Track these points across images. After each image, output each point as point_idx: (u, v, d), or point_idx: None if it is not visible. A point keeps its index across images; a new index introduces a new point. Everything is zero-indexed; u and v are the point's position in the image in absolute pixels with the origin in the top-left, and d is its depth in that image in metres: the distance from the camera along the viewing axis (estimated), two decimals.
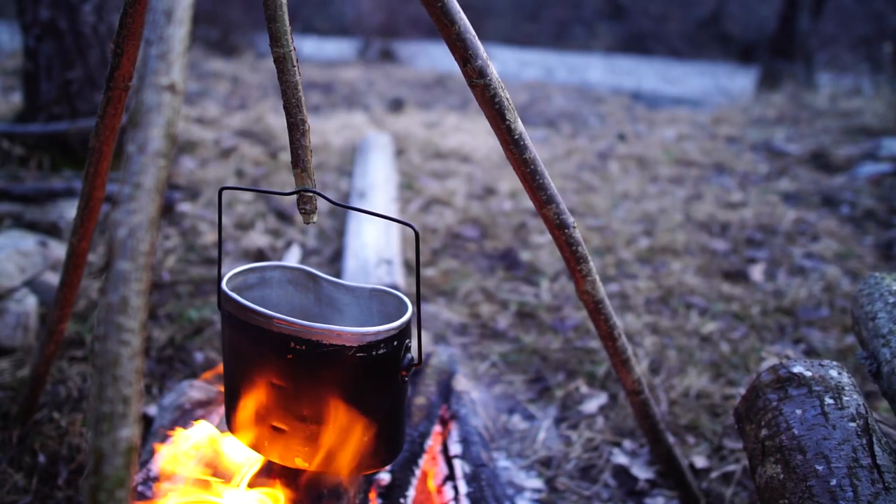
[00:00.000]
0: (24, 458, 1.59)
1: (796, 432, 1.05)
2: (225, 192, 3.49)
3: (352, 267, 2.59)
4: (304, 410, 1.02)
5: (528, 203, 3.74)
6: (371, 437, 1.05)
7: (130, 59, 1.13)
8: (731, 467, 1.77)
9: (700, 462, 1.79)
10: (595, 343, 2.33)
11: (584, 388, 2.10)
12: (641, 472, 1.75)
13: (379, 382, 1.03)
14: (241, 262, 2.82)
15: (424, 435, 1.46)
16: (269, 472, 1.19)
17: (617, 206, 3.85)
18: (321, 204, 3.35)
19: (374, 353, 0.99)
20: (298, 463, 1.05)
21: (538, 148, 4.94)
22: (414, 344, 1.10)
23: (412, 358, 1.05)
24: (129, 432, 0.48)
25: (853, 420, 1.03)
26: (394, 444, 1.11)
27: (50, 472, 1.57)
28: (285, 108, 0.97)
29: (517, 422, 1.96)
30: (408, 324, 1.05)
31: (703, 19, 16.38)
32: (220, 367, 1.32)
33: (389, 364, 1.02)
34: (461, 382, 1.76)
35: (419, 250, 0.97)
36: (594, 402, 2.03)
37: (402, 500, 1.27)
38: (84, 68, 3.12)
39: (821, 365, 1.14)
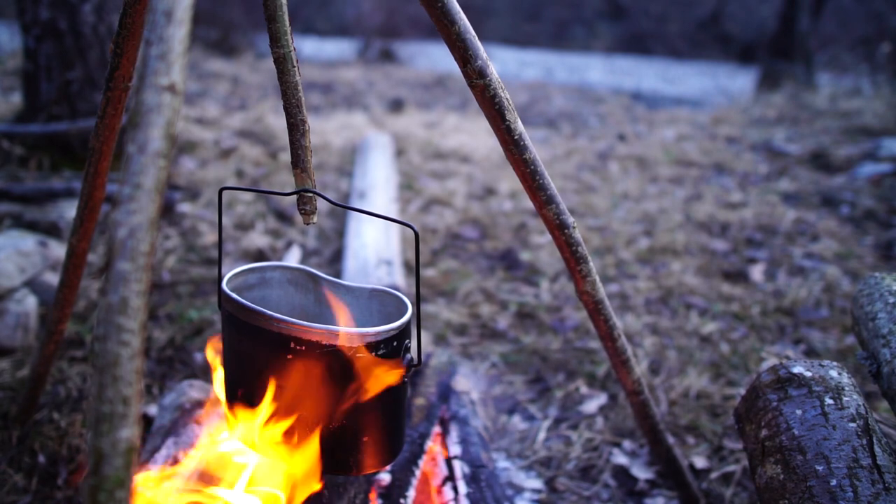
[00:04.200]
0: (23, 459, 1.59)
1: (796, 433, 1.05)
2: (225, 193, 3.49)
3: (352, 267, 2.59)
4: (303, 410, 1.02)
5: (528, 203, 3.74)
6: (371, 437, 1.05)
7: (130, 60, 1.13)
8: (731, 468, 1.77)
9: (700, 462, 1.78)
10: (595, 343, 2.33)
11: (583, 389, 2.10)
12: (641, 473, 1.75)
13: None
14: (241, 262, 2.82)
15: (424, 435, 1.46)
16: (269, 472, 1.19)
17: (617, 206, 3.85)
18: (321, 204, 3.35)
19: (373, 353, 0.99)
20: (298, 463, 1.05)
21: (538, 148, 4.95)
22: (414, 344, 1.10)
23: (412, 358, 1.05)
24: (129, 433, 0.48)
25: (853, 420, 1.03)
26: (394, 444, 1.11)
27: (50, 473, 1.57)
28: (285, 108, 0.97)
29: (517, 422, 1.96)
30: (407, 324, 1.05)
31: (703, 19, 16.38)
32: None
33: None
34: (461, 383, 1.76)
35: (419, 251, 0.97)
36: (594, 403, 2.03)
37: (402, 501, 1.27)
38: (84, 68, 3.12)
39: (821, 365, 1.14)
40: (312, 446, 1.04)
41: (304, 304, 1.21)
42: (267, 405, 1.04)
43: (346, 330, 0.97)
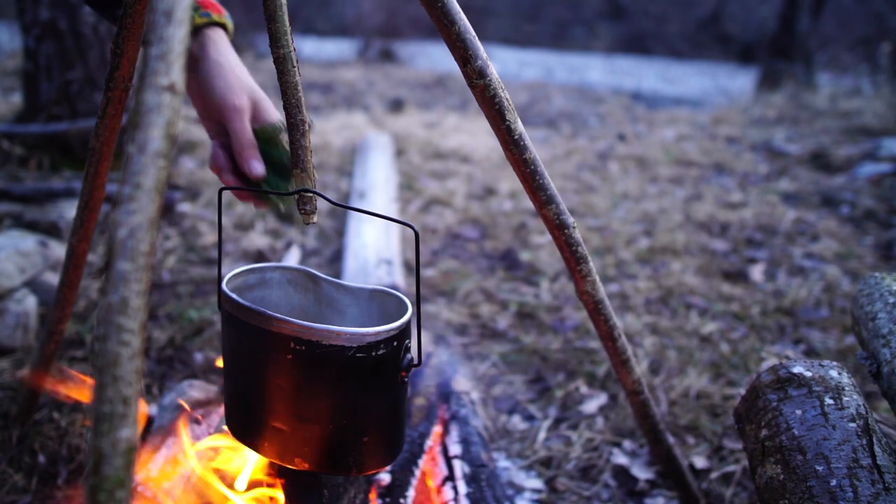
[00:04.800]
0: (23, 458, 1.59)
1: (796, 433, 1.05)
2: (225, 193, 3.49)
3: (352, 267, 2.59)
4: (303, 411, 1.01)
5: (528, 203, 3.74)
6: (371, 437, 1.05)
7: (131, 60, 1.13)
8: (731, 468, 1.77)
9: (700, 462, 1.79)
10: (595, 343, 2.33)
11: (584, 389, 2.10)
12: (641, 473, 1.75)
13: (379, 383, 1.03)
14: (241, 262, 2.82)
15: (424, 435, 1.46)
16: (269, 473, 1.19)
17: (617, 206, 3.85)
18: (321, 204, 3.35)
19: (373, 353, 0.99)
20: (298, 463, 1.05)
21: (538, 148, 4.95)
22: (414, 344, 1.10)
23: (412, 358, 1.05)
24: (129, 433, 0.48)
25: (853, 420, 1.03)
26: (394, 444, 1.11)
27: (50, 472, 1.57)
28: (285, 108, 0.97)
29: (517, 422, 1.96)
30: (407, 324, 1.05)
31: (703, 19, 16.38)
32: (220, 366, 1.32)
33: (389, 365, 1.02)
34: (461, 382, 1.76)
35: (419, 251, 0.97)
36: (594, 403, 2.03)
37: (402, 501, 1.27)
38: (84, 69, 3.12)
39: (821, 365, 1.14)
40: (312, 446, 1.04)
41: (304, 305, 1.21)
42: (266, 405, 1.04)
43: (346, 330, 0.97)
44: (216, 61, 1.04)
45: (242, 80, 1.05)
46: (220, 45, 1.07)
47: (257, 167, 1.04)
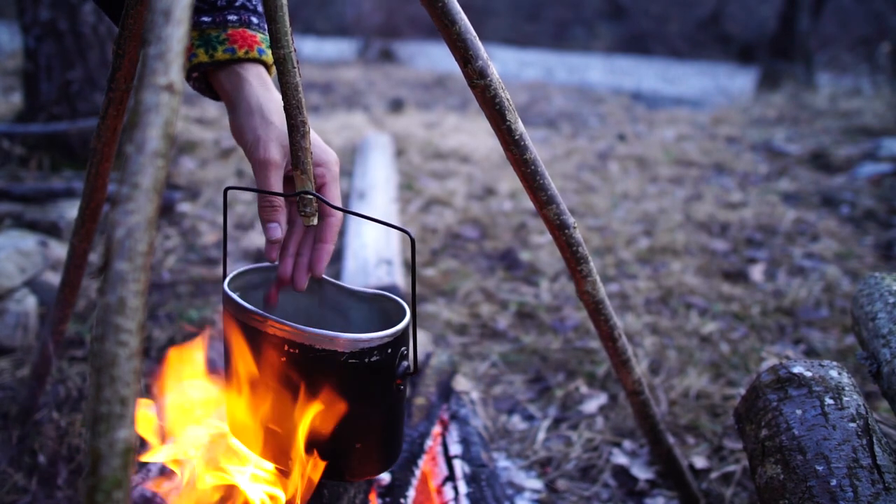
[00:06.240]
0: (23, 458, 1.59)
1: (796, 433, 1.04)
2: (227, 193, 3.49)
3: (351, 267, 2.59)
4: (298, 414, 1.01)
5: (528, 203, 3.74)
6: (364, 443, 1.05)
7: (132, 61, 1.13)
8: (731, 468, 1.76)
9: (700, 462, 1.78)
10: (595, 343, 2.33)
11: (584, 389, 2.10)
12: (641, 473, 1.75)
13: (372, 390, 1.02)
14: (242, 262, 2.82)
15: (424, 435, 1.46)
16: (268, 473, 1.18)
17: (617, 206, 3.85)
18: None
19: (366, 360, 0.98)
20: (293, 466, 1.04)
21: (538, 148, 4.94)
22: (411, 351, 1.09)
23: (408, 366, 1.04)
24: (127, 433, 0.48)
25: (853, 420, 1.03)
26: (389, 452, 1.10)
27: (50, 472, 1.57)
28: (285, 109, 0.96)
29: (517, 422, 1.95)
30: (403, 332, 1.03)
31: (703, 19, 16.39)
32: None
33: (383, 372, 1.01)
34: (461, 382, 1.76)
35: (415, 257, 0.97)
36: (594, 403, 2.03)
37: (402, 501, 1.27)
38: (84, 69, 3.12)
39: (821, 365, 1.14)
40: (308, 449, 1.03)
41: (309, 307, 1.20)
42: (263, 407, 1.04)
43: (339, 335, 0.96)
44: (247, 109, 0.98)
45: (275, 129, 0.98)
46: (255, 86, 1.00)
47: (273, 230, 0.98)
